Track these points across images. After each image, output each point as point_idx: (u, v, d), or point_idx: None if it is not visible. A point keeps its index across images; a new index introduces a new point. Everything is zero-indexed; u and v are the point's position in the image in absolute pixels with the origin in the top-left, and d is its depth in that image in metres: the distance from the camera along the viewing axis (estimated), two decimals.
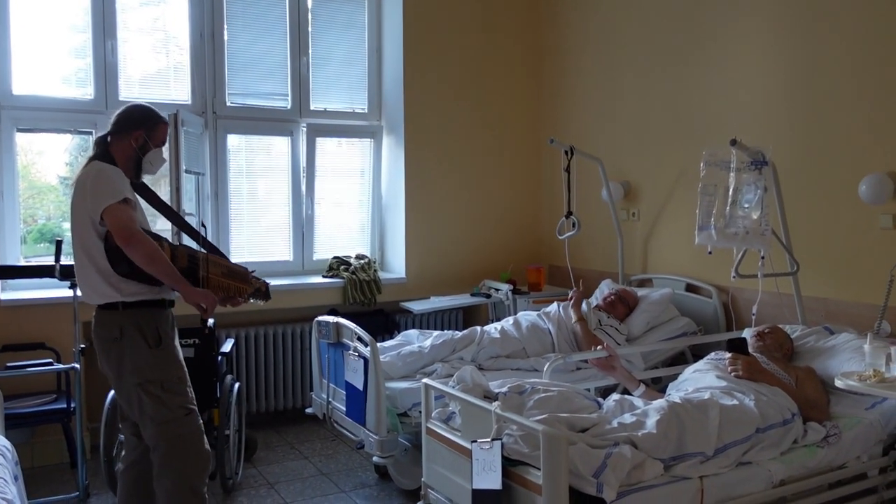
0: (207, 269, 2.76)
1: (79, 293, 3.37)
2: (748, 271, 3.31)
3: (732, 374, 3.00)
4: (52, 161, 4.62)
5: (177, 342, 2.82)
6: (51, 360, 3.94)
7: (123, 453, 2.91)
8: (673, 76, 4.49)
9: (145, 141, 2.77)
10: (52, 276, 3.40)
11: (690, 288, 4.42)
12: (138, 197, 2.83)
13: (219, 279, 2.79)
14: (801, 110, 3.79)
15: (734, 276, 3.30)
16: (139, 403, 2.70)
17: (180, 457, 2.70)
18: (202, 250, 2.83)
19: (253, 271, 2.97)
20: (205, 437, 2.79)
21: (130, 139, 2.75)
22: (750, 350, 3.20)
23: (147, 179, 2.94)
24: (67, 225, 4.48)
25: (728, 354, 3.09)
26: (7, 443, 2.77)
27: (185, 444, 2.71)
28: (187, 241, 3.04)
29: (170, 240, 2.85)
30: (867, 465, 2.90)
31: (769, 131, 3.90)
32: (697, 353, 4.04)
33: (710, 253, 3.32)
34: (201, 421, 2.81)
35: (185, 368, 2.82)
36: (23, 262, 4.29)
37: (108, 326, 2.69)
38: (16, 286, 4.23)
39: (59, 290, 4.01)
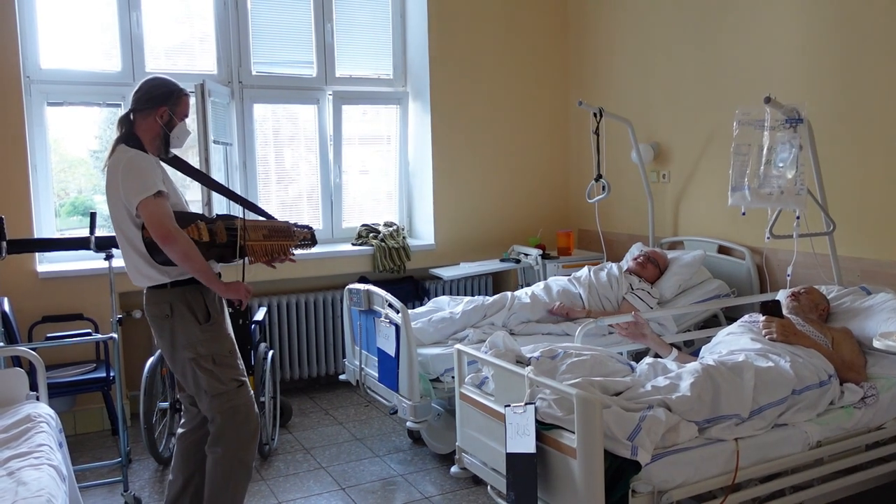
0: (246, 236, 2.77)
1: (114, 264, 3.44)
2: (783, 231, 3.26)
3: (767, 337, 2.97)
4: (82, 134, 4.65)
5: (226, 315, 2.85)
6: (90, 331, 4.03)
7: (182, 419, 2.98)
8: (704, 33, 4.39)
9: (170, 117, 2.74)
10: (87, 248, 3.45)
11: (722, 250, 4.37)
12: (168, 174, 2.82)
13: (261, 244, 2.81)
14: (836, 65, 3.69)
15: (768, 237, 3.25)
16: (193, 378, 2.75)
17: (234, 428, 2.76)
18: (240, 216, 2.83)
19: (294, 223, 2.97)
20: (255, 408, 2.84)
21: (155, 116, 2.72)
22: (784, 310, 3.16)
23: (177, 151, 2.93)
24: (99, 198, 4.57)
25: (762, 317, 3.06)
26: (51, 411, 2.84)
27: (239, 416, 2.76)
28: (217, 206, 3.02)
29: (202, 213, 2.85)
30: None
31: (804, 88, 3.80)
32: (731, 316, 4.00)
33: (743, 214, 3.27)
34: (252, 392, 2.86)
35: (235, 341, 2.86)
36: (58, 235, 4.36)
37: (159, 304, 2.73)
38: (52, 258, 4.32)
39: (94, 262, 4.08)
